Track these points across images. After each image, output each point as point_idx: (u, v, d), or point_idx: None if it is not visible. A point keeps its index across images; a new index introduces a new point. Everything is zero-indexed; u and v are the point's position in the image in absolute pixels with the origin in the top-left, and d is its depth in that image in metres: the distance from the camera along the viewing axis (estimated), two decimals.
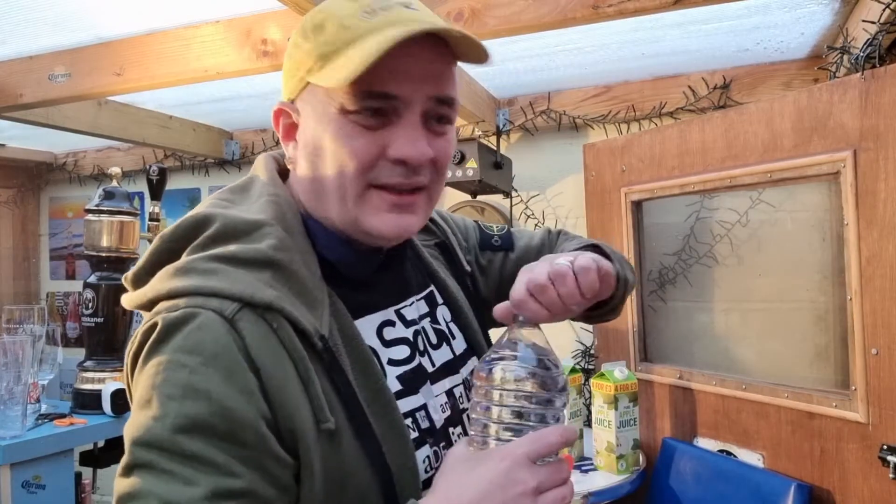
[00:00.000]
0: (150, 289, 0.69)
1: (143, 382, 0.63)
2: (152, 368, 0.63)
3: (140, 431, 0.61)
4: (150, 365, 0.63)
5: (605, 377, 1.95)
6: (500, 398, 0.70)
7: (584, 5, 1.51)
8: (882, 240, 1.49)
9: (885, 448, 1.47)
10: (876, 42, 1.55)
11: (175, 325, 0.64)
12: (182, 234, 0.72)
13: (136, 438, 0.61)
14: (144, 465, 0.60)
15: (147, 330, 0.65)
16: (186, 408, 0.60)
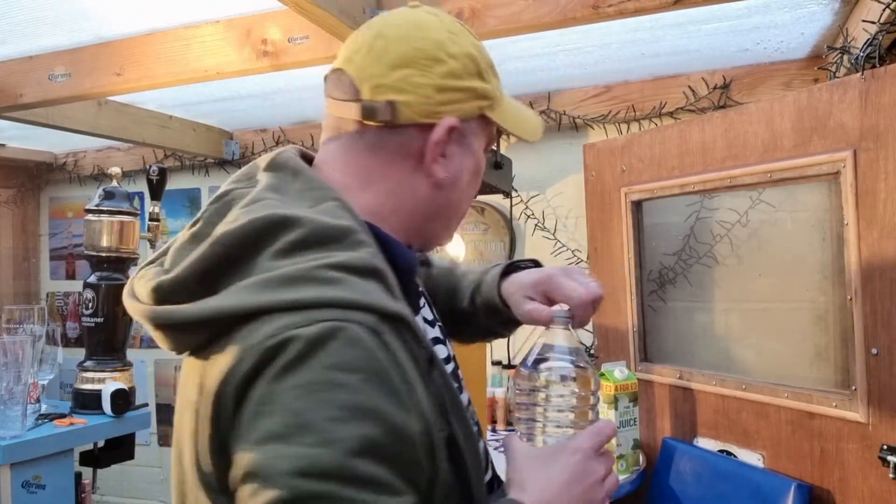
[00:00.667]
0: (243, 300, 0.60)
1: (283, 407, 0.56)
2: (296, 391, 0.56)
3: (304, 462, 0.54)
4: (289, 387, 0.56)
5: (605, 377, 1.95)
6: (547, 398, 0.74)
7: (584, 5, 1.51)
8: (882, 240, 1.49)
9: (885, 448, 1.47)
10: (876, 42, 1.55)
11: (320, 340, 0.57)
12: (248, 239, 0.64)
13: (300, 470, 0.54)
14: (319, 497, 0.54)
15: (272, 348, 0.58)
16: (357, 429, 0.56)
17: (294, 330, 0.58)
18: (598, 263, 2.36)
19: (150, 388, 3.31)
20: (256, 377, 0.58)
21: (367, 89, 0.75)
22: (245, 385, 0.58)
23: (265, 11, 1.77)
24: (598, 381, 0.79)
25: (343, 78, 0.79)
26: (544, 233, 2.64)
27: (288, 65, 1.78)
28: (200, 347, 0.64)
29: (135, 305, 0.68)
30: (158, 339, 0.67)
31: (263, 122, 3.00)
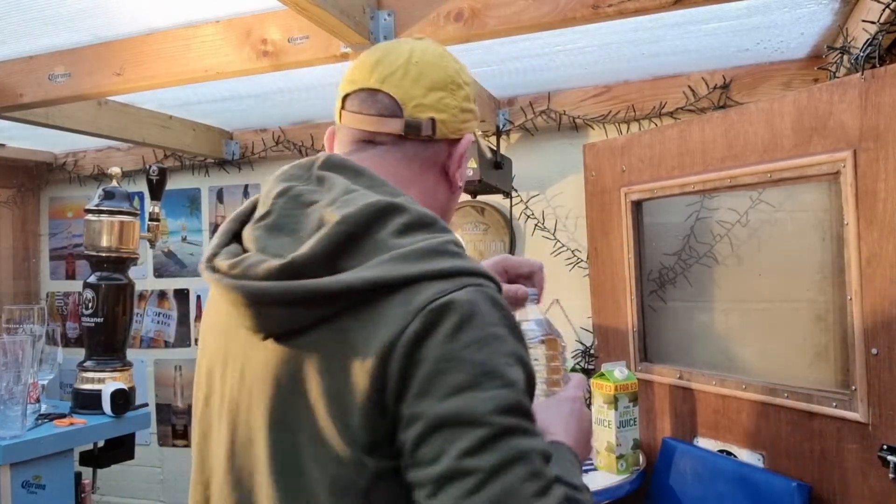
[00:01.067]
0: (393, 270, 0.69)
1: (466, 362, 0.66)
2: (473, 347, 0.67)
3: (500, 401, 0.65)
4: (465, 345, 0.66)
5: (605, 377, 1.95)
6: (543, 358, 0.96)
7: (584, 5, 1.51)
8: (882, 240, 1.49)
9: (885, 448, 1.47)
10: (876, 42, 1.55)
11: (475, 302, 0.68)
12: (368, 219, 0.72)
13: (498, 408, 0.65)
14: (514, 429, 0.65)
15: (435, 311, 0.67)
16: (519, 373, 0.68)
17: (450, 294, 0.68)
18: (598, 263, 2.36)
19: (150, 388, 3.31)
20: (426, 337, 0.66)
21: (410, 108, 0.86)
22: (415, 345, 0.66)
23: (265, 11, 1.77)
24: (564, 345, 1.00)
25: (381, 97, 0.86)
26: (544, 233, 2.64)
27: (288, 65, 1.78)
28: (322, 321, 0.70)
29: (237, 284, 0.73)
30: (264, 317, 0.72)
31: (263, 122, 3.00)
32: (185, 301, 3.29)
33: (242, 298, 0.72)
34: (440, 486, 0.63)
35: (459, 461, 0.63)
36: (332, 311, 0.70)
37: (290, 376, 0.72)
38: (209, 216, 3.27)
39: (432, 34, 1.63)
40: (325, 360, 0.70)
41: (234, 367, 0.80)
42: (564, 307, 2.62)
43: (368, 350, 0.67)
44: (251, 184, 3.19)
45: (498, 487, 0.62)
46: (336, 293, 0.69)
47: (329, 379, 0.69)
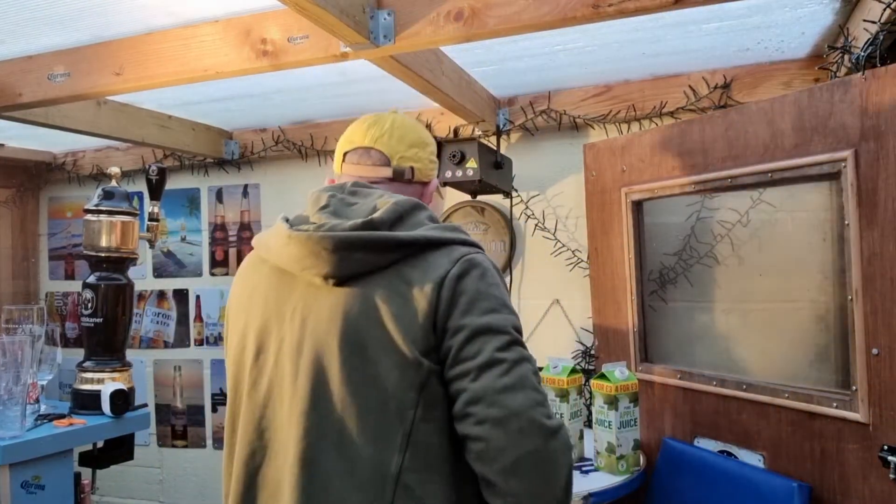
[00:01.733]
0: (438, 234, 1.07)
1: (492, 295, 1.03)
2: (494, 288, 1.05)
3: (514, 320, 1.04)
4: (489, 285, 1.04)
5: (606, 378, 1.94)
6: None
7: (584, 5, 1.50)
8: (883, 239, 1.48)
9: (885, 448, 1.46)
10: (877, 42, 1.55)
11: (487, 260, 1.08)
12: (410, 206, 1.11)
13: (514, 325, 1.03)
14: (520, 340, 1.02)
15: (468, 261, 1.05)
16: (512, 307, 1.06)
17: (473, 254, 1.07)
18: (598, 263, 2.36)
19: (150, 388, 3.31)
20: (464, 277, 1.03)
21: (396, 159, 1.22)
22: (458, 281, 1.02)
23: (265, 11, 1.76)
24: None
25: (373, 153, 1.23)
26: (544, 233, 2.64)
27: (287, 64, 1.78)
28: (396, 262, 1.04)
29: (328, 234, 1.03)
30: (346, 261, 1.03)
31: (263, 122, 2.99)
32: (185, 301, 3.28)
33: (331, 245, 1.02)
34: (482, 371, 0.97)
35: (494, 354, 0.98)
36: (397, 258, 1.04)
37: (361, 308, 1.02)
38: (208, 216, 3.26)
39: (432, 34, 1.63)
40: (392, 293, 1.02)
41: (294, 319, 1.07)
42: (564, 307, 2.62)
43: (424, 284, 1.02)
44: (251, 184, 3.18)
45: (518, 373, 0.98)
46: (403, 242, 1.04)
47: (395, 305, 1.01)
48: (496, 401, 0.95)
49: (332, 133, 2.93)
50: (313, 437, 1.00)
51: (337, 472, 0.99)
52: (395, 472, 0.98)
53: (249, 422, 1.08)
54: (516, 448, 0.94)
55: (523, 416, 0.95)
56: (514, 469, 0.94)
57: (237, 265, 3.20)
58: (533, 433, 0.95)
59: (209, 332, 3.24)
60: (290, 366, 1.05)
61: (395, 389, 0.99)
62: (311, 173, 3.04)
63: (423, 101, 2.38)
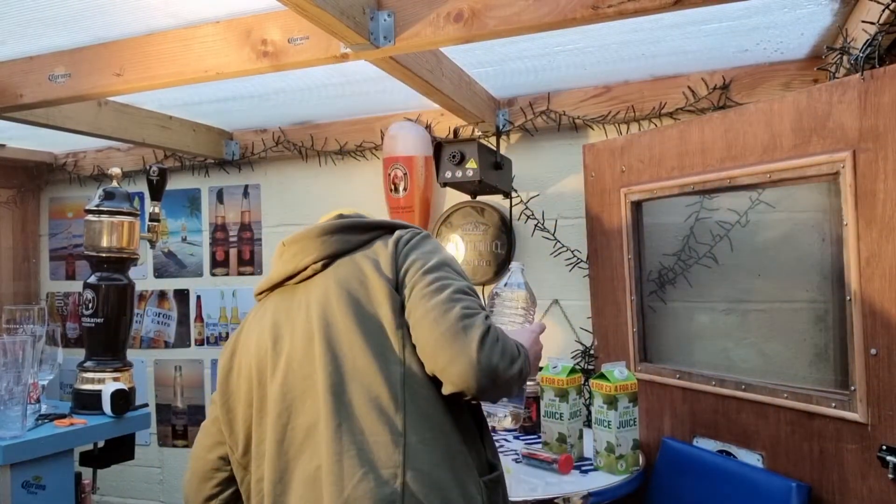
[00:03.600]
0: (396, 221, 1.39)
1: (426, 244, 1.31)
2: (429, 241, 1.33)
3: (441, 257, 1.27)
4: (425, 238, 1.33)
5: (605, 377, 1.95)
6: (521, 302, 1.64)
7: (584, 5, 1.51)
8: (881, 240, 1.49)
9: (884, 448, 1.47)
10: (875, 43, 1.55)
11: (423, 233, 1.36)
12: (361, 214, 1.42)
13: (442, 260, 1.26)
14: (443, 267, 1.24)
15: (415, 230, 1.35)
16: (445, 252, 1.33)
17: (419, 230, 1.36)
18: (597, 264, 2.36)
19: (150, 388, 3.31)
20: (413, 237, 1.31)
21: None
22: (408, 240, 1.30)
23: (265, 12, 1.77)
24: (534, 299, 1.68)
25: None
26: (544, 233, 2.64)
27: (288, 65, 1.78)
28: (368, 242, 1.32)
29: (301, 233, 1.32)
30: (327, 243, 1.29)
31: (263, 122, 3.00)
32: (185, 301, 3.29)
33: (314, 233, 1.30)
34: (414, 286, 1.21)
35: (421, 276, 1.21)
36: (370, 238, 1.32)
37: (348, 272, 1.26)
38: (209, 216, 3.27)
39: (432, 35, 1.63)
40: (368, 258, 1.28)
41: (300, 308, 1.27)
42: (564, 307, 2.62)
43: (389, 246, 1.29)
44: (251, 184, 3.19)
45: (439, 284, 1.20)
46: (373, 225, 1.35)
47: (372, 263, 1.26)
48: (419, 305, 1.18)
49: (333, 134, 2.93)
50: (334, 368, 1.18)
51: (358, 385, 1.17)
52: (400, 380, 1.17)
53: (274, 394, 1.23)
54: (432, 334, 1.15)
55: (437, 309, 1.16)
56: (434, 351, 1.14)
57: (238, 265, 3.21)
58: (444, 319, 1.15)
59: (210, 333, 3.24)
60: (304, 335, 1.24)
61: (386, 315, 1.21)
62: (311, 174, 3.05)
63: (423, 102, 2.39)
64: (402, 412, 1.14)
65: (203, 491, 1.39)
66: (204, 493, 1.39)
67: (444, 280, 1.21)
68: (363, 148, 2.90)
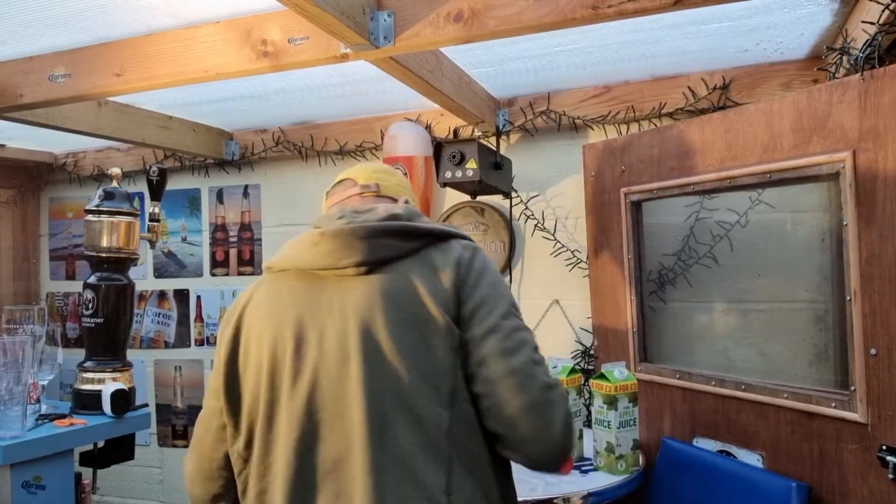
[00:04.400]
0: (446, 228, 1.24)
1: (494, 275, 1.21)
2: (494, 271, 1.23)
3: (510, 296, 1.20)
4: (489, 266, 1.22)
5: (605, 377, 1.95)
6: None
7: (584, 6, 1.51)
8: (881, 240, 1.49)
9: (884, 448, 1.47)
10: (875, 43, 1.55)
11: (482, 252, 1.24)
12: (415, 211, 1.27)
13: (511, 301, 1.19)
14: (516, 313, 1.18)
15: (474, 248, 1.23)
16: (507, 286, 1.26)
17: (475, 245, 1.25)
18: (597, 264, 2.36)
19: (150, 388, 3.31)
20: (474, 259, 1.20)
21: (362, 180, 1.39)
22: (469, 262, 1.19)
23: (265, 12, 1.77)
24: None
25: (345, 182, 1.42)
26: (544, 233, 2.64)
27: (288, 65, 1.78)
28: (418, 250, 1.19)
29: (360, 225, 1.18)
30: (375, 247, 1.16)
31: (263, 122, 3.00)
32: (185, 301, 3.29)
33: (363, 233, 1.16)
34: (486, 336, 1.12)
35: (497, 321, 1.13)
36: (420, 245, 1.19)
37: (397, 287, 1.14)
38: (209, 216, 3.27)
39: (432, 35, 1.63)
40: (420, 274, 1.15)
41: (331, 309, 1.15)
42: (564, 307, 2.62)
43: (446, 265, 1.17)
44: (251, 184, 3.19)
45: (517, 337, 1.13)
46: (427, 232, 1.21)
47: (426, 282, 1.14)
48: (498, 362, 1.10)
49: (333, 134, 2.93)
50: (376, 402, 1.09)
51: (402, 429, 1.08)
52: (447, 426, 1.09)
53: (296, 412, 1.13)
54: (516, 400, 1.08)
55: (521, 373, 1.09)
56: (516, 420, 1.08)
57: (238, 265, 3.20)
58: (530, 387, 1.09)
59: (210, 333, 3.24)
60: (338, 349, 1.12)
61: (439, 352, 1.11)
62: (311, 174, 3.05)
63: (422, 102, 2.39)
64: (448, 466, 1.08)
65: (210, 490, 1.30)
66: (212, 493, 1.30)
67: (521, 333, 1.14)
68: (363, 148, 2.90)
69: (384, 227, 1.18)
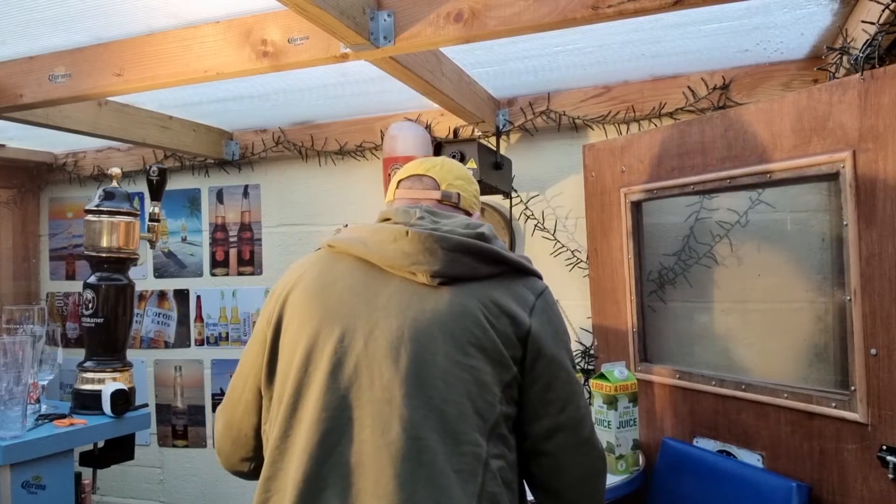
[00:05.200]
0: (522, 261, 1.22)
1: (566, 331, 1.24)
2: (565, 324, 1.25)
3: (572, 353, 1.25)
4: (562, 320, 1.24)
5: (605, 377, 1.95)
6: None
7: (584, 6, 1.51)
8: (882, 240, 1.49)
9: (884, 448, 1.47)
10: (875, 43, 1.55)
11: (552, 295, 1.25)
12: (494, 233, 1.24)
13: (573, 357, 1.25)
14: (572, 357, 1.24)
15: (547, 295, 1.22)
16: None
17: (547, 289, 1.23)
18: (597, 264, 2.36)
19: (150, 388, 3.31)
20: (548, 310, 1.20)
21: (444, 185, 1.34)
22: (543, 312, 1.19)
23: (265, 12, 1.77)
24: None
25: (425, 179, 1.34)
26: (544, 233, 2.64)
27: (288, 65, 1.78)
28: (490, 276, 1.17)
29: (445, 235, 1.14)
30: (454, 262, 1.14)
31: (263, 122, 3.00)
32: (185, 301, 3.29)
33: (449, 245, 1.13)
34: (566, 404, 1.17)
35: (573, 387, 1.19)
36: (494, 272, 1.17)
37: (463, 308, 1.12)
38: (209, 217, 3.27)
39: (432, 34, 1.63)
40: (487, 303, 1.13)
41: (389, 309, 1.12)
42: (564, 308, 2.62)
43: (514, 304, 1.15)
44: (251, 184, 3.19)
45: (586, 405, 1.22)
46: (504, 259, 1.18)
47: (491, 314, 1.12)
48: (575, 431, 1.17)
49: (332, 134, 2.93)
50: (419, 417, 1.05)
51: (441, 449, 1.05)
52: (485, 456, 1.08)
53: (330, 401, 1.09)
54: (581, 467, 1.19)
55: (589, 443, 1.19)
56: (577, 482, 1.19)
57: (238, 265, 3.20)
58: (592, 455, 1.20)
59: (210, 333, 3.24)
60: (388, 352, 1.09)
61: (489, 383, 1.10)
62: (311, 174, 3.05)
63: (422, 102, 2.39)
64: (479, 495, 1.06)
65: (237, 453, 1.28)
66: (240, 455, 1.28)
67: (584, 400, 1.22)
68: (363, 148, 2.90)
69: (469, 244, 1.15)
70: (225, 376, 3.18)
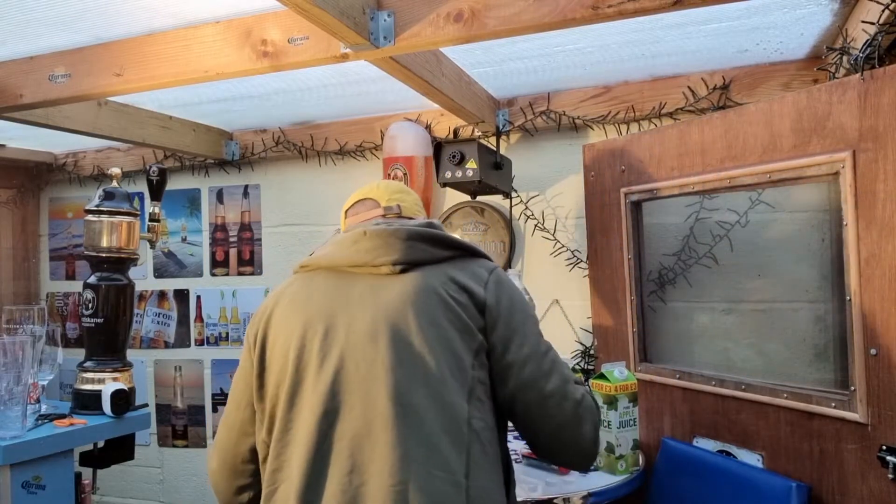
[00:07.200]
0: (473, 246, 1.36)
1: (524, 300, 1.34)
2: (522, 295, 1.36)
3: (537, 319, 1.34)
4: (518, 291, 1.34)
5: (605, 378, 1.95)
6: None
7: (584, 6, 1.51)
8: (881, 240, 1.49)
9: (884, 448, 1.47)
10: (875, 43, 1.55)
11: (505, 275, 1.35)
12: (441, 226, 1.38)
13: (537, 323, 1.33)
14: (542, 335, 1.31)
15: (499, 272, 1.33)
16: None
17: (499, 268, 1.35)
18: (597, 264, 2.36)
19: (150, 388, 3.31)
20: (502, 283, 1.30)
21: (384, 202, 1.47)
22: (497, 284, 1.29)
23: (265, 12, 1.77)
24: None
25: (367, 202, 1.49)
26: (544, 233, 2.64)
27: (288, 65, 1.78)
28: (446, 259, 1.30)
29: (402, 227, 1.29)
30: (413, 249, 1.27)
31: (263, 122, 3.00)
32: (185, 301, 3.29)
33: (404, 235, 1.27)
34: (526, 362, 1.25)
35: (534, 348, 1.26)
36: (449, 255, 1.30)
37: (427, 288, 1.23)
38: (209, 217, 3.27)
39: (432, 34, 1.63)
40: (447, 281, 1.25)
41: (363, 302, 1.24)
42: (564, 307, 2.62)
43: (471, 280, 1.27)
44: (251, 184, 3.19)
45: (550, 358, 1.28)
46: (457, 244, 1.33)
47: (452, 291, 1.24)
48: (534, 388, 1.23)
49: (332, 134, 2.93)
50: (403, 386, 1.16)
51: (429, 412, 1.15)
52: (467, 416, 1.18)
53: (322, 391, 1.19)
54: (553, 419, 1.24)
55: (557, 395, 1.24)
56: (552, 435, 1.26)
57: (238, 265, 3.21)
58: (563, 406, 1.24)
59: (210, 333, 3.24)
60: (367, 336, 1.20)
61: (460, 350, 1.21)
62: (311, 174, 3.05)
63: (422, 102, 2.39)
64: (468, 452, 1.16)
65: (235, 483, 1.36)
66: (236, 485, 1.36)
67: (551, 354, 1.28)
68: (363, 148, 2.90)
69: (423, 231, 1.29)
70: (225, 376, 3.18)
